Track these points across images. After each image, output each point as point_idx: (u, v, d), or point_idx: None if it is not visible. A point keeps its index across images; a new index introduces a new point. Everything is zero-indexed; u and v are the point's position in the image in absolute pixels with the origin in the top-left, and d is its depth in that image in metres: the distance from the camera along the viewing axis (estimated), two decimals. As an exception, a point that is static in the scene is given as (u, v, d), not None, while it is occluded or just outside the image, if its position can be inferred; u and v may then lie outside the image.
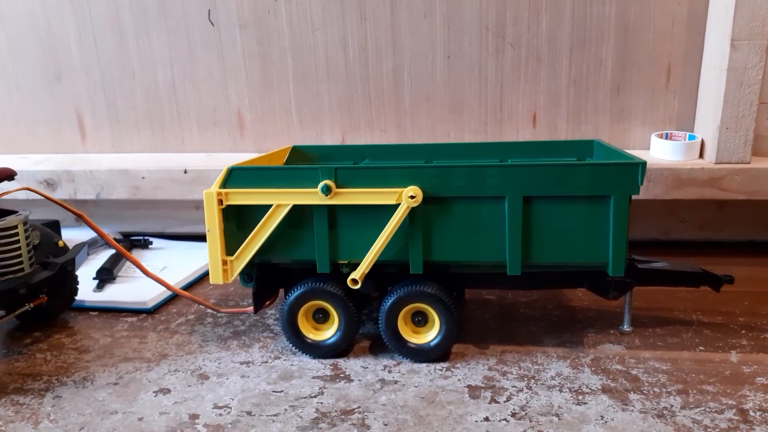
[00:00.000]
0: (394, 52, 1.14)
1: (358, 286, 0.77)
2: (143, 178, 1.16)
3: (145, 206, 1.27)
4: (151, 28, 1.18)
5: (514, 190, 0.74)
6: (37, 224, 0.91)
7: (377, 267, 0.78)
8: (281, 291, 0.86)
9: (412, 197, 0.75)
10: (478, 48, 1.12)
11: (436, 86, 1.15)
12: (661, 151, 1.08)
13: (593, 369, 0.77)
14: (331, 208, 0.78)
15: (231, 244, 0.80)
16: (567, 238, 0.76)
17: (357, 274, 0.77)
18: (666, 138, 1.09)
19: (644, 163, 0.73)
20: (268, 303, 0.87)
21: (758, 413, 0.68)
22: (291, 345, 0.83)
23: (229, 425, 0.68)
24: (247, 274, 0.84)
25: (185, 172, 1.14)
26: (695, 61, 1.08)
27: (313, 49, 1.15)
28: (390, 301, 0.79)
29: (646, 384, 0.74)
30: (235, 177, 0.79)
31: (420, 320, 0.80)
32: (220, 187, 0.78)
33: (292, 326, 0.81)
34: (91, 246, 1.13)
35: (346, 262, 0.79)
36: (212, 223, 0.79)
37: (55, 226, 0.96)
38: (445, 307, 0.78)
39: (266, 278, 0.84)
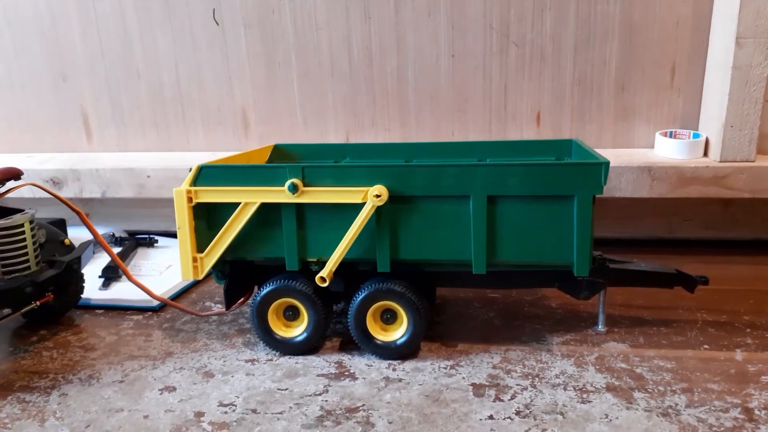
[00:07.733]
0: (398, 50, 1.14)
1: (326, 284, 0.78)
2: (148, 176, 1.16)
3: (150, 205, 1.27)
4: (155, 27, 1.18)
5: (478, 190, 0.75)
6: (43, 223, 0.92)
7: (348, 265, 0.79)
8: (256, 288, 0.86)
9: (377, 196, 0.75)
10: (482, 47, 1.12)
11: (441, 85, 1.15)
12: (665, 150, 1.08)
13: (597, 367, 0.77)
14: (299, 207, 0.78)
15: (201, 242, 0.81)
16: (531, 237, 0.76)
17: (325, 272, 0.77)
18: (670, 136, 1.09)
19: (607, 163, 0.73)
20: (242, 300, 0.88)
21: (763, 412, 0.68)
22: (262, 342, 0.83)
23: (234, 423, 0.69)
24: (220, 272, 0.84)
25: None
26: (700, 60, 1.08)
27: (317, 49, 1.15)
28: (358, 299, 0.80)
29: (651, 382, 0.74)
30: (204, 175, 0.79)
31: (389, 318, 0.81)
32: (190, 185, 0.79)
33: (262, 323, 0.82)
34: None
35: (315, 260, 0.80)
36: (182, 221, 0.79)
37: (61, 225, 0.97)
38: (412, 305, 0.78)
39: (239, 275, 0.85)
